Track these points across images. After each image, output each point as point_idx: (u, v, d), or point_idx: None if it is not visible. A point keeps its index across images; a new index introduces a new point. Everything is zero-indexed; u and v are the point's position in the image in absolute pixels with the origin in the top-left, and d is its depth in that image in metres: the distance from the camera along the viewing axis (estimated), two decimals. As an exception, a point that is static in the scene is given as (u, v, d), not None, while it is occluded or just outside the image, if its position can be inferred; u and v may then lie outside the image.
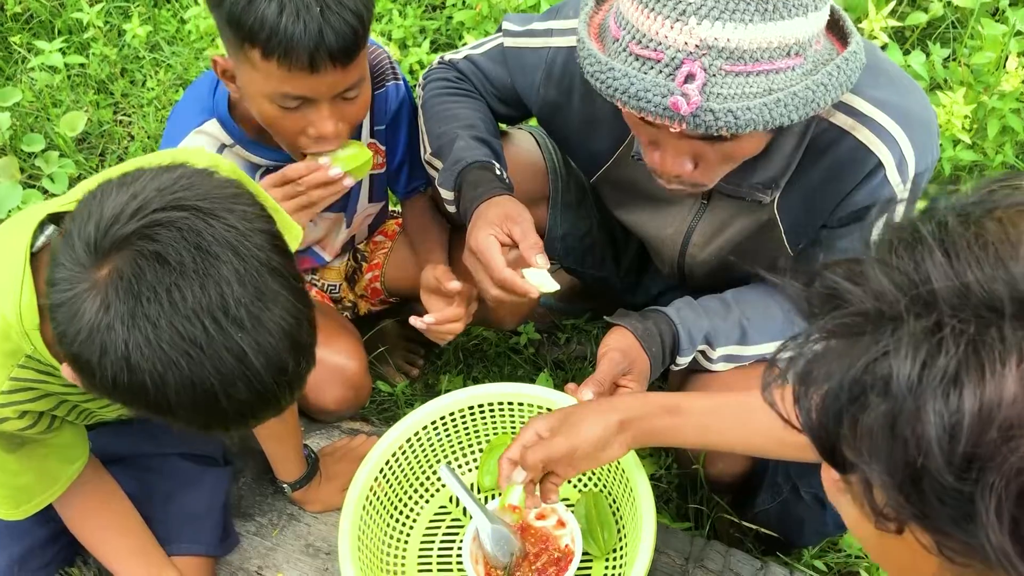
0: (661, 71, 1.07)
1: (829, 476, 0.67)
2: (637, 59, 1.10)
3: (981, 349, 0.51)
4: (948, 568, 0.58)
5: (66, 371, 0.98)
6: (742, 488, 1.69)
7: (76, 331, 0.87)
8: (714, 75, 1.05)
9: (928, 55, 2.27)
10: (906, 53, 2.30)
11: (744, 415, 1.23)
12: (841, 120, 1.30)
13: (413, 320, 1.57)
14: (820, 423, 0.60)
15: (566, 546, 1.41)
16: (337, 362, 1.67)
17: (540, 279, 1.33)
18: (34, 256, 1.05)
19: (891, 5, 2.23)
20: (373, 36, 2.48)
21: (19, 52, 2.92)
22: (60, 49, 2.75)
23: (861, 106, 1.29)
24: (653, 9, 1.06)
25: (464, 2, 2.73)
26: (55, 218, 1.07)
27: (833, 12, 1.19)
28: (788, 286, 0.63)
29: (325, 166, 1.42)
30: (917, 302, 0.55)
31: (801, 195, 1.38)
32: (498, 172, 1.50)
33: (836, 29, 1.20)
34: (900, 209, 1.47)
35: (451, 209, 1.52)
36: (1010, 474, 0.50)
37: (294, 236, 1.32)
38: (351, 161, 1.45)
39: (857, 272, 0.59)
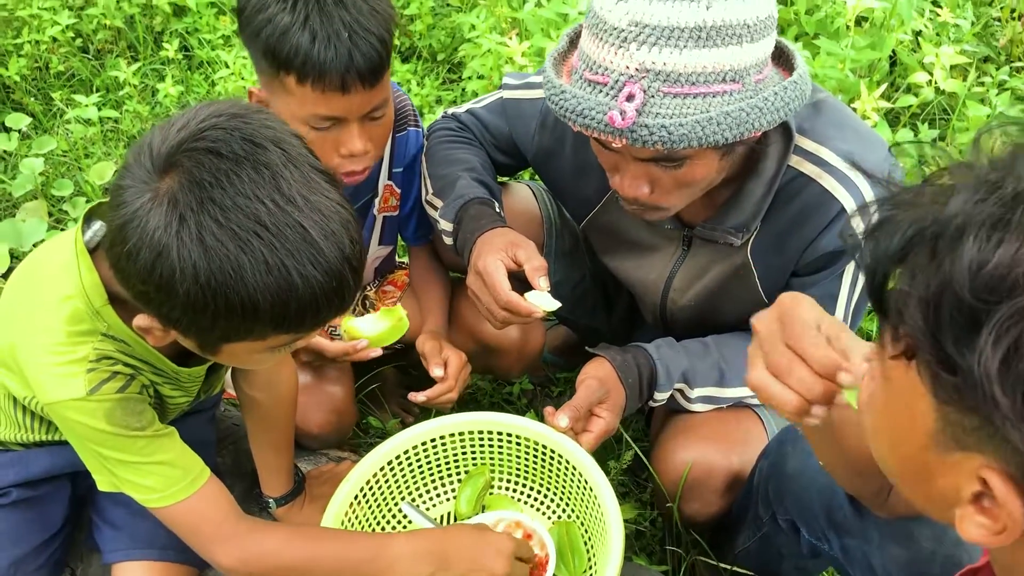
0: (607, 93, 1.19)
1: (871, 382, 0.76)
2: (589, 84, 1.22)
3: None
4: (941, 423, 0.64)
5: (140, 321, 1.06)
6: (719, 530, 1.71)
7: (149, 236, 0.95)
8: (653, 96, 1.16)
9: (916, 135, 2.37)
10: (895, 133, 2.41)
11: None
12: (809, 169, 1.38)
13: (412, 396, 1.67)
14: (876, 260, 0.69)
15: (535, 556, 1.44)
16: (323, 387, 1.74)
17: (542, 300, 1.42)
18: (92, 252, 1.15)
19: (882, 88, 2.34)
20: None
21: (59, 107, 3.09)
22: (96, 104, 2.92)
23: (828, 157, 1.38)
24: (600, 38, 1.18)
25: (479, 75, 2.88)
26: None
27: (780, 46, 1.30)
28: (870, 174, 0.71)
29: (360, 347, 1.64)
30: (996, 168, 0.64)
31: (772, 240, 1.46)
32: (497, 210, 1.59)
33: (785, 62, 1.30)
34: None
35: (448, 241, 1.61)
36: (1018, 311, 0.58)
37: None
38: (389, 335, 1.66)
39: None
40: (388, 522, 1.57)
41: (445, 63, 3.16)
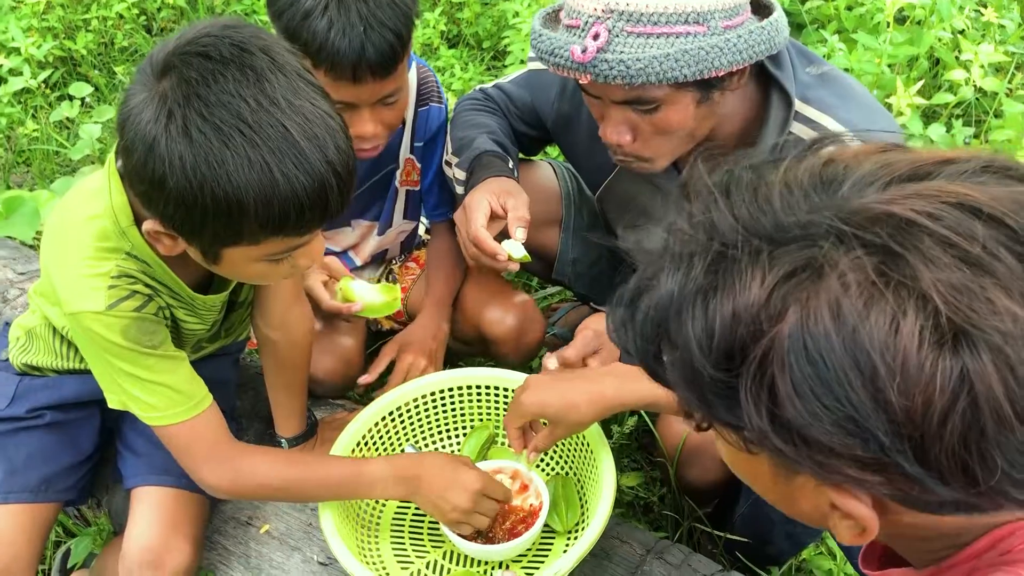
0: (578, 35, 1.26)
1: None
2: (567, 29, 1.29)
3: (732, 265, 0.62)
4: (771, 460, 0.67)
5: (147, 225, 1.14)
6: (722, 502, 1.74)
7: (141, 130, 1.02)
8: (617, 35, 1.23)
9: (950, 131, 2.36)
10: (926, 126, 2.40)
11: None
12: (810, 136, 1.41)
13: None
14: (639, 350, 0.71)
15: (531, 505, 1.49)
16: (335, 337, 1.81)
17: (512, 247, 1.49)
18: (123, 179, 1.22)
19: (919, 84, 2.34)
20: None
21: (120, 80, 3.23)
22: (155, 77, 3.05)
23: (830, 124, 1.41)
24: None
25: (522, 60, 2.94)
26: None
27: (762, 1, 1.35)
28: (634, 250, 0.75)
29: (354, 310, 1.69)
30: (697, 231, 0.66)
31: None
32: (510, 165, 1.65)
33: (765, 12, 1.35)
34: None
35: (459, 191, 1.68)
36: (757, 364, 0.61)
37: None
38: (379, 309, 1.71)
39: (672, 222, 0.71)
40: (394, 468, 1.63)
41: (490, 50, 3.23)
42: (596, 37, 1.23)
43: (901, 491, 0.61)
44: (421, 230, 2.12)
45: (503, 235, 1.51)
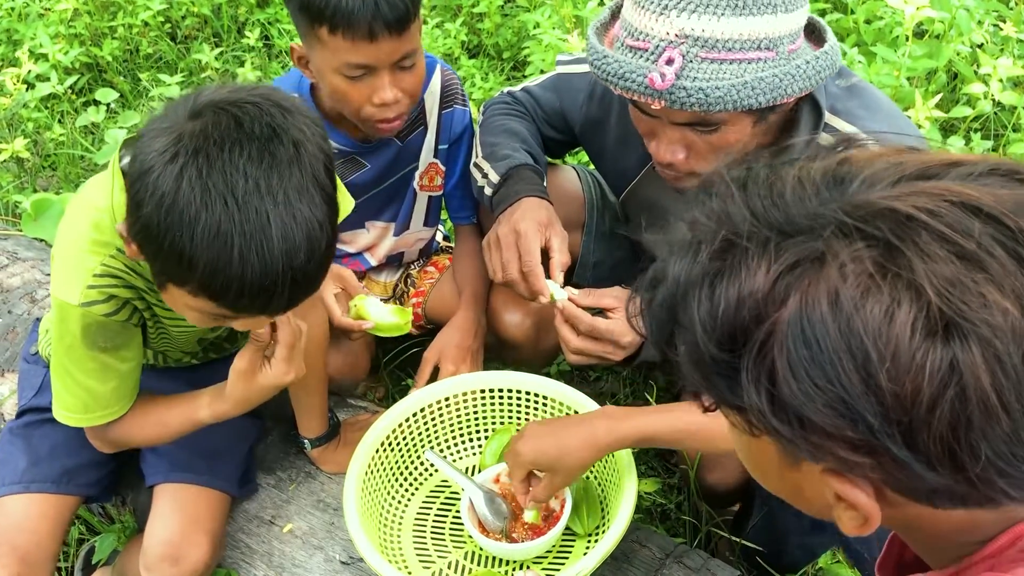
0: (647, 58, 1.26)
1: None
2: (631, 50, 1.29)
3: (741, 253, 0.65)
4: (777, 445, 0.69)
5: (120, 226, 1.16)
6: (742, 510, 1.75)
7: (145, 155, 1.04)
8: (691, 61, 1.23)
9: (968, 144, 2.37)
10: (945, 139, 2.41)
11: (704, 443, 1.41)
12: None
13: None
14: (654, 334, 0.74)
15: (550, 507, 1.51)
16: (341, 335, 1.81)
17: (554, 288, 1.51)
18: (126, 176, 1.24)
19: (937, 97, 2.35)
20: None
21: (144, 86, 3.28)
22: (179, 84, 3.10)
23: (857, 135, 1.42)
24: (643, 6, 1.26)
25: (542, 70, 2.97)
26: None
27: (813, 22, 1.36)
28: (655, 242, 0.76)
29: (365, 328, 1.74)
30: (711, 221, 0.69)
31: None
32: (544, 183, 1.67)
33: (817, 37, 1.36)
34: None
35: (487, 192, 1.69)
36: (758, 347, 0.63)
37: (346, 208, 1.54)
38: (390, 330, 1.75)
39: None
40: (416, 468, 1.65)
41: (510, 60, 3.26)
42: (670, 62, 1.23)
43: (891, 476, 0.63)
44: (438, 236, 2.14)
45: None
